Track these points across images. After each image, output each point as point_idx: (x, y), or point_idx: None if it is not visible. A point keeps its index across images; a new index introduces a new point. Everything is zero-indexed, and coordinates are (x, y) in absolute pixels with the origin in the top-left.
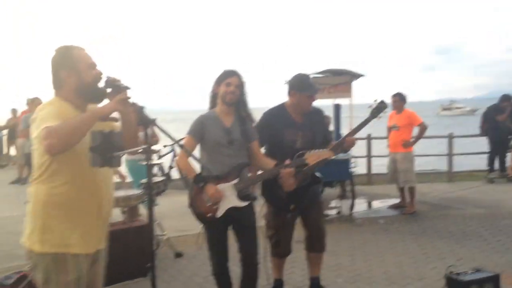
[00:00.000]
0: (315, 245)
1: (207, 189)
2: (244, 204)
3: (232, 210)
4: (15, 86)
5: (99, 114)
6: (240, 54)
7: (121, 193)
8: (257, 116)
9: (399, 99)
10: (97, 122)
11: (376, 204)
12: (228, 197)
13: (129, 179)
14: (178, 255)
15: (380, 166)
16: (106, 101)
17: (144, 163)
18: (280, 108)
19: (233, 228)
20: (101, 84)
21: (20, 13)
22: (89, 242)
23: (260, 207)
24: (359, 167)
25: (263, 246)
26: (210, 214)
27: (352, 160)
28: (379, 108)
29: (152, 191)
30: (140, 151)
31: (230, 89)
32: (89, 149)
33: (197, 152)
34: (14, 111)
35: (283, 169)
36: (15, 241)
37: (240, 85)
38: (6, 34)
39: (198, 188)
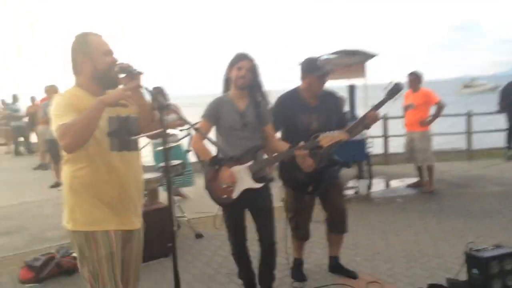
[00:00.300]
0: (337, 226)
1: (222, 172)
2: (259, 185)
3: (247, 192)
4: (15, 86)
5: (104, 103)
6: (254, 36)
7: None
8: (271, 98)
9: (415, 78)
10: (115, 107)
11: (394, 183)
12: (243, 179)
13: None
14: (199, 235)
15: (397, 146)
16: (120, 88)
17: (172, 145)
18: (294, 92)
19: (250, 209)
20: (115, 70)
21: (20, 13)
22: (117, 220)
23: (279, 189)
24: (375, 147)
25: (283, 227)
26: (226, 196)
27: (368, 140)
28: (394, 89)
29: (170, 174)
30: (156, 135)
31: (241, 73)
32: (107, 134)
33: (212, 135)
34: (33, 98)
35: (298, 151)
36: (41, 224)
37: (252, 68)
38: (6, 34)
39: (214, 170)
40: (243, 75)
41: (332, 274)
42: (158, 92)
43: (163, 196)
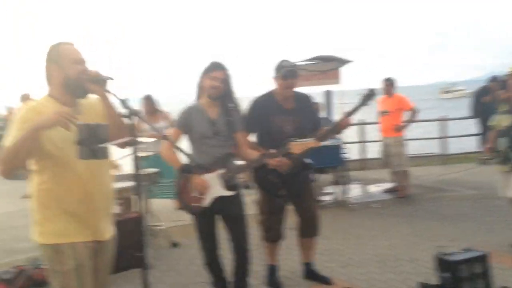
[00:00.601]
0: (308, 230)
1: (193, 179)
2: (230, 193)
3: (219, 200)
4: (15, 86)
5: (36, 128)
6: (229, 42)
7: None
8: (244, 104)
9: (389, 84)
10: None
11: (370, 188)
12: (214, 187)
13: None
14: (175, 245)
15: (374, 151)
16: (91, 96)
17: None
18: (269, 94)
19: (222, 217)
20: (84, 78)
21: (20, 13)
22: (85, 232)
23: (254, 194)
24: (352, 153)
25: (257, 233)
26: (196, 204)
27: (344, 145)
28: (368, 95)
29: (141, 183)
30: (126, 142)
31: (214, 83)
32: (76, 142)
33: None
34: (9, 109)
35: (271, 159)
36: (11, 235)
37: (225, 79)
38: (6, 34)
39: (184, 178)
40: (216, 85)
41: (306, 280)
42: (147, 99)
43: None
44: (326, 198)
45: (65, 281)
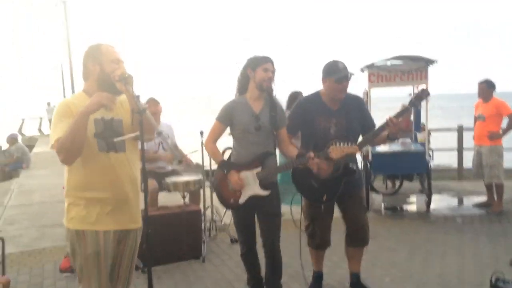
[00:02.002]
0: (355, 239)
1: (230, 176)
2: (265, 193)
3: (255, 198)
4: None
5: (84, 113)
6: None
7: (180, 178)
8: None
9: (486, 86)
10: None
11: (460, 201)
12: (251, 185)
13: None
14: (234, 241)
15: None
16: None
17: None
18: (315, 95)
19: (257, 214)
20: (116, 77)
21: (20, 13)
22: (109, 221)
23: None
24: (450, 161)
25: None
26: (233, 200)
27: (430, 152)
28: (419, 96)
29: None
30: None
31: (268, 75)
32: (93, 135)
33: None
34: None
35: (309, 161)
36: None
37: (274, 72)
38: (5, 34)
39: (223, 173)
40: (270, 76)
41: None
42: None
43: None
44: (408, 207)
45: (85, 264)
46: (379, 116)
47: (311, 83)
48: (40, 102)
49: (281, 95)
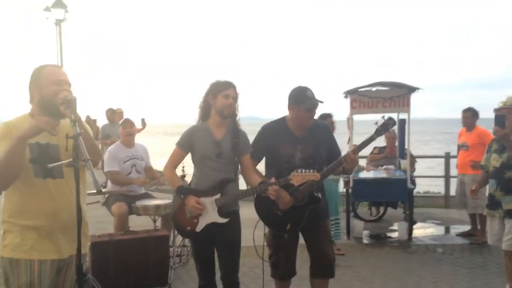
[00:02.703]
0: (320, 270)
1: (187, 201)
2: (223, 220)
3: (213, 226)
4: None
5: (21, 138)
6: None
7: (151, 202)
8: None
9: (471, 116)
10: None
11: (444, 230)
12: (209, 213)
13: None
14: None
15: None
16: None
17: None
18: (280, 121)
19: (216, 244)
20: (58, 100)
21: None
22: (45, 249)
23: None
24: (437, 188)
25: (263, 267)
26: (190, 228)
27: (412, 179)
28: (385, 125)
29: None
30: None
31: (229, 102)
32: (28, 160)
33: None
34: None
35: (268, 187)
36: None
37: (236, 97)
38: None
39: (180, 200)
40: (231, 103)
41: None
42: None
43: None
44: (390, 235)
45: None
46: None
47: (311, 84)
48: None
49: (281, 96)
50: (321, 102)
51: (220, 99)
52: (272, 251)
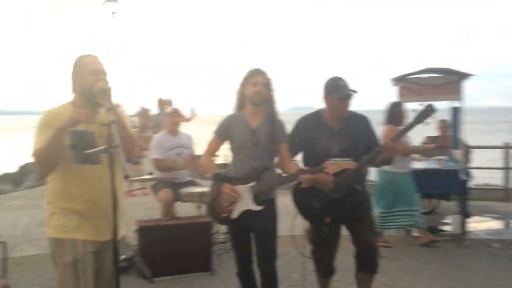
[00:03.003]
0: (363, 264)
1: (223, 188)
2: (258, 208)
3: (249, 214)
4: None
5: (61, 129)
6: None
7: (195, 189)
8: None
9: None
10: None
11: (502, 224)
12: (245, 200)
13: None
14: None
15: None
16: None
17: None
18: (316, 114)
19: (252, 231)
20: (96, 90)
21: (20, 13)
22: (86, 231)
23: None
24: (495, 180)
25: (302, 260)
26: (225, 215)
27: (467, 170)
28: (425, 112)
29: None
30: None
31: (257, 89)
32: (68, 147)
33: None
34: (142, 111)
35: (301, 176)
36: None
37: (267, 84)
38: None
39: (216, 187)
40: (259, 90)
41: None
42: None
43: None
44: (443, 228)
45: (63, 273)
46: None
47: (311, 84)
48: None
49: (282, 95)
50: (355, 92)
51: (250, 87)
52: (314, 246)
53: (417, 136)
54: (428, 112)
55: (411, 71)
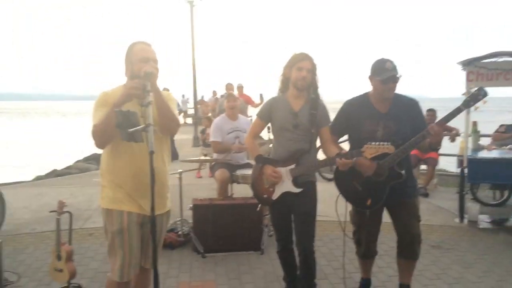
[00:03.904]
0: (404, 250)
1: (264, 169)
2: (297, 190)
3: (289, 195)
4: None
5: (115, 104)
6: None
7: (250, 171)
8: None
9: None
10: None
11: None
12: (285, 181)
13: None
14: None
15: None
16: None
17: None
18: (363, 97)
19: (292, 212)
20: (142, 75)
21: (20, 13)
22: (131, 204)
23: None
24: None
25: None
26: (266, 196)
27: None
28: (475, 96)
29: None
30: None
31: (302, 74)
32: (115, 126)
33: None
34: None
35: (339, 159)
36: None
37: (312, 69)
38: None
39: (258, 168)
40: (304, 76)
41: None
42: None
43: None
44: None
45: (111, 240)
46: (475, 117)
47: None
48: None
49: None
50: (398, 76)
51: (294, 71)
52: (355, 228)
53: (493, 124)
54: (478, 96)
55: (479, 55)
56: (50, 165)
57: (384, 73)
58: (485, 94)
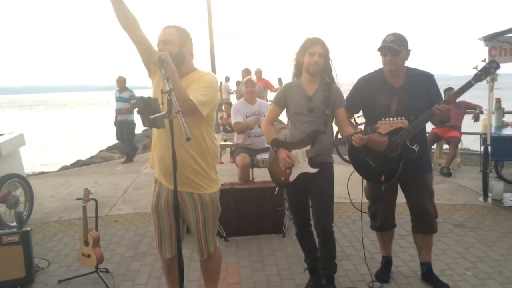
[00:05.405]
0: (419, 225)
1: (279, 153)
2: (313, 170)
3: (305, 176)
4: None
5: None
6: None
7: (264, 155)
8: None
9: None
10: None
11: None
12: (301, 163)
13: None
14: None
15: None
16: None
17: None
18: (377, 72)
19: (309, 193)
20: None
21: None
22: (162, 179)
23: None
24: None
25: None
26: (283, 178)
27: None
28: (486, 69)
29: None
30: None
31: (314, 59)
32: (137, 112)
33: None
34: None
35: (354, 136)
36: None
37: (324, 53)
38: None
39: (274, 152)
40: (316, 61)
41: (423, 282)
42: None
43: None
44: None
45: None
46: (498, 94)
47: None
48: None
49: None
50: (398, 48)
51: (307, 57)
52: (370, 202)
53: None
54: (489, 69)
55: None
56: (74, 155)
57: (382, 44)
58: (498, 67)
